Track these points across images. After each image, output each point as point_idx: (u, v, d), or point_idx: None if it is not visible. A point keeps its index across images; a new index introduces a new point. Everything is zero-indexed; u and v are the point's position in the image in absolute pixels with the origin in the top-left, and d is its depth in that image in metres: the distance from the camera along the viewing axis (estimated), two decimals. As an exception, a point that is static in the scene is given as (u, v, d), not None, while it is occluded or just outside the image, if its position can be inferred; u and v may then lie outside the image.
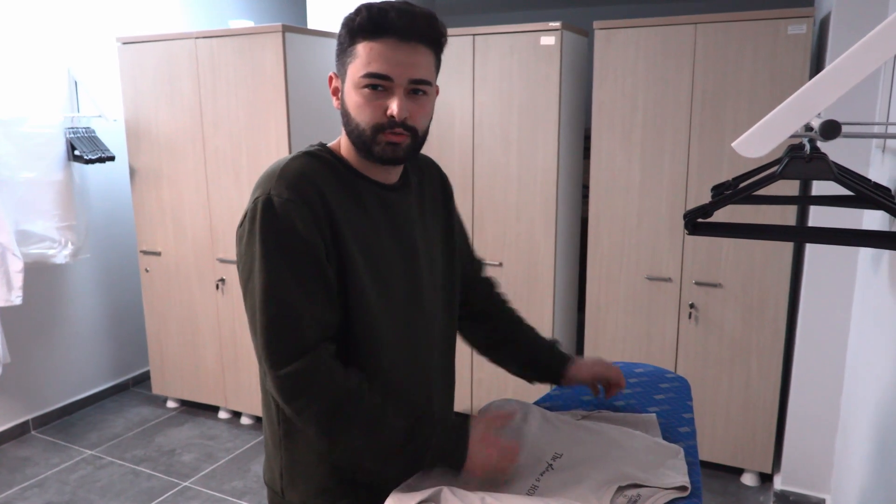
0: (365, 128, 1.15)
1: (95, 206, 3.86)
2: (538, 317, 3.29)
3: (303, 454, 1.24)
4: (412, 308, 1.28)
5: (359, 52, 1.13)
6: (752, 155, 1.11)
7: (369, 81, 1.12)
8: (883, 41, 0.98)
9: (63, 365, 3.82)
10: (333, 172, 1.20)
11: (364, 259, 1.19)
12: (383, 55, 1.11)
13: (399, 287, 1.26)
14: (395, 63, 1.11)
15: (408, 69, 1.12)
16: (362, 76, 1.12)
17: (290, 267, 1.11)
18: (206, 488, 3.10)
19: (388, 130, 1.14)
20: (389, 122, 1.13)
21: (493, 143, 3.23)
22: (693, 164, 2.87)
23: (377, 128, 1.14)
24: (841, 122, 1.18)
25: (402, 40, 1.11)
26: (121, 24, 3.90)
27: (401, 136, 1.15)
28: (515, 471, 1.17)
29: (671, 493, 1.13)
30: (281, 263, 1.11)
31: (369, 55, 1.12)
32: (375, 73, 1.11)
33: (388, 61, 1.11)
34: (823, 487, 2.83)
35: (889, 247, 1.29)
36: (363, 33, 1.12)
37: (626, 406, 1.48)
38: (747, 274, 2.85)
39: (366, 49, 1.12)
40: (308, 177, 1.16)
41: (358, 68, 1.13)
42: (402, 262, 1.26)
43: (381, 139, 1.15)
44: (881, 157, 2.23)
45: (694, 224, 1.36)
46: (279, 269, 1.11)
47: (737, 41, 2.72)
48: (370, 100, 1.13)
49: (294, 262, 1.11)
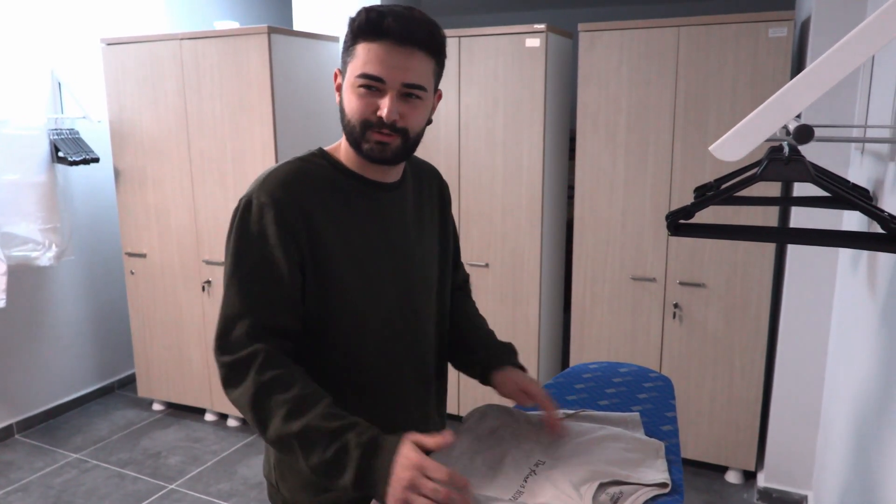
0: (355, 124, 1.18)
1: (80, 207, 3.83)
2: (524, 317, 3.31)
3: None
4: (404, 307, 1.30)
5: (358, 52, 1.16)
6: (729, 159, 1.13)
7: (363, 82, 1.16)
8: (858, 44, 1.00)
9: (47, 368, 3.80)
10: (322, 176, 1.23)
11: (348, 260, 1.21)
12: (379, 57, 1.14)
13: (388, 286, 1.27)
14: (390, 66, 1.15)
15: (401, 73, 1.15)
16: (357, 76, 1.16)
17: (252, 267, 1.17)
18: (193, 491, 3.08)
19: (376, 130, 1.17)
20: (378, 121, 1.17)
21: (479, 145, 3.24)
22: (676, 166, 2.90)
23: (366, 124, 1.17)
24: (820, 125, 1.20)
25: (398, 45, 1.14)
26: (105, 25, 3.87)
27: (389, 137, 1.18)
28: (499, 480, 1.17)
29: (652, 489, 1.14)
30: (244, 263, 1.17)
31: (366, 56, 1.15)
32: (369, 74, 1.15)
33: (382, 64, 1.14)
34: (806, 484, 2.87)
35: (865, 247, 1.31)
36: (363, 34, 1.16)
37: (610, 406, 1.49)
38: (730, 274, 2.89)
39: (364, 50, 1.15)
40: (290, 183, 1.19)
41: (355, 68, 1.16)
42: (392, 262, 1.28)
43: (371, 137, 1.18)
44: (860, 159, 2.26)
45: (676, 225, 1.38)
46: (241, 268, 1.17)
47: (719, 44, 2.75)
48: (362, 98, 1.17)
49: (258, 263, 1.17)
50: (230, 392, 1.15)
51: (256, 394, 1.11)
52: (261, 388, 1.11)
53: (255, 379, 1.12)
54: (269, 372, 1.12)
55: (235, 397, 1.15)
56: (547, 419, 1.31)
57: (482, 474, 1.18)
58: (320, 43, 3.41)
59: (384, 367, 1.29)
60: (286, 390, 1.11)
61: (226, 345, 1.16)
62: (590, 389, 1.57)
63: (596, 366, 1.68)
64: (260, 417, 1.12)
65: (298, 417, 1.08)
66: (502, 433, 1.32)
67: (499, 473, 1.19)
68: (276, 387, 1.11)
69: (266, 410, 1.10)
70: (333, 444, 1.06)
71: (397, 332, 1.30)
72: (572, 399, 1.53)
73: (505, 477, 1.17)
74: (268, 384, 1.11)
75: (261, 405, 1.11)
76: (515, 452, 1.25)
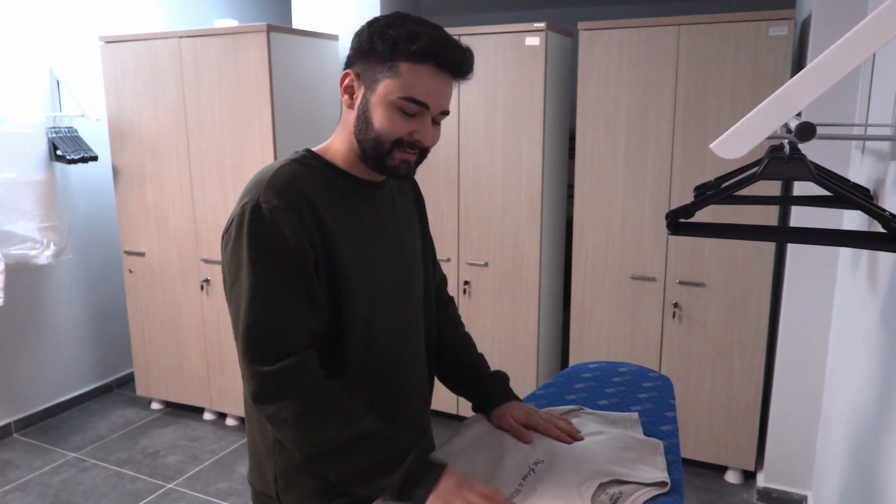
0: (385, 141, 1.17)
1: (78, 206, 3.83)
2: (523, 316, 3.30)
3: (297, 458, 1.25)
4: (405, 305, 1.31)
5: (402, 70, 1.13)
6: (730, 156, 1.12)
7: (408, 106, 1.14)
8: (859, 42, 1.00)
9: (46, 367, 3.79)
10: (321, 177, 1.22)
11: (356, 261, 1.21)
12: (428, 86, 1.14)
13: (391, 284, 1.28)
14: (435, 93, 1.15)
15: (442, 99, 1.17)
16: (401, 97, 1.13)
17: (276, 272, 1.12)
18: (191, 490, 3.08)
19: (406, 149, 1.18)
20: (411, 143, 1.18)
21: (479, 144, 3.24)
22: (676, 165, 2.89)
23: (397, 143, 1.17)
24: (821, 123, 1.20)
25: (443, 71, 1.14)
26: (103, 23, 3.87)
27: (413, 156, 1.20)
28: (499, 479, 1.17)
29: (652, 489, 1.14)
30: (268, 269, 1.12)
31: (415, 79, 1.13)
32: (417, 100, 1.14)
33: (429, 91, 1.14)
34: (805, 484, 2.86)
35: (866, 246, 1.30)
36: (414, 56, 1.12)
37: (610, 405, 1.49)
38: (730, 273, 2.88)
39: (412, 71, 1.13)
40: (296, 184, 1.17)
41: (398, 87, 1.13)
42: (391, 260, 1.29)
43: (397, 156, 1.18)
44: (860, 158, 2.26)
45: (676, 224, 1.38)
46: (266, 274, 1.12)
47: (719, 42, 2.74)
48: (401, 119, 1.16)
49: (281, 268, 1.12)
50: (267, 406, 1.12)
51: (305, 408, 1.10)
52: (309, 403, 1.11)
53: (300, 393, 1.11)
54: (313, 385, 1.12)
55: (274, 411, 1.11)
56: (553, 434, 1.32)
57: (482, 473, 1.18)
58: (320, 41, 3.40)
59: (392, 363, 1.29)
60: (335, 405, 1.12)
61: (260, 355, 1.11)
62: (589, 389, 1.56)
63: (595, 365, 1.68)
64: (305, 431, 1.11)
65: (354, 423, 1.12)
66: (501, 433, 1.32)
67: (498, 472, 1.18)
68: (324, 401, 1.12)
69: (314, 424, 1.10)
70: (389, 446, 1.12)
71: (400, 329, 1.30)
72: (571, 398, 1.52)
73: (504, 477, 1.17)
74: (315, 398, 1.11)
75: (308, 419, 1.10)
76: (515, 452, 1.25)
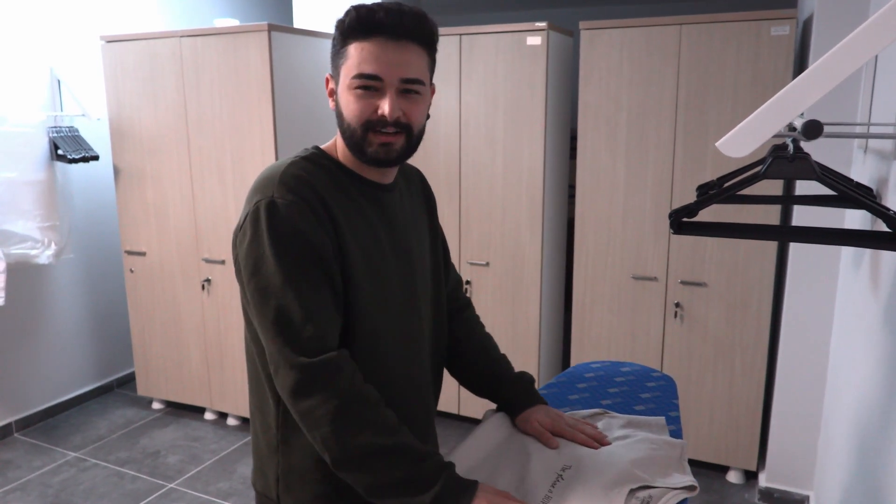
0: (356, 127, 1.14)
1: (79, 205, 3.82)
2: (524, 316, 3.30)
3: (300, 460, 1.23)
4: (409, 308, 1.28)
5: (350, 52, 1.13)
6: (735, 155, 1.12)
7: (361, 82, 1.12)
8: (863, 42, 1.00)
9: (46, 366, 3.78)
10: (330, 175, 1.19)
11: (363, 261, 1.18)
12: (373, 55, 1.11)
13: (396, 288, 1.25)
14: (386, 63, 1.11)
15: (399, 68, 1.12)
16: (353, 77, 1.12)
17: (302, 266, 1.10)
18: (192, 490, 3.08)
19: (379, 130, 1.14)
20: (380, 121, 1.13)
21: (479, 143, 3.23)
22: (678, 164, 2.89)
23: (367, 126, 1.13)
24: (823, 123, 1.19)
25: (392, 39, 1.11)
26: (104, 23, 3.86)
27: (393, 137, 1.15)
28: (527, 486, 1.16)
29: (680, 493, 1.13)
30: (293, 262, 1.09)
31: (360, 55, 1.11)
32: (366, 74, 1.11)
33: (378, 61, 1.11)
34: (807, 484, 2.86)
35: (870, 245, 1.30)
36: (353, 34, 1.12)
37: (613, 405, 1.48)
38: (732, 273, 2.88)
39: (357, 49, 1.12)
40: (308, 181, 1.14)
41: (349, 69, 1.13)
42: (398, 263, 1.26)
43: (374, 140, 1.14)
44: (863, 157, 2.25)
45: (679, 223, 1.38)
46: (294, 267, 1.09)
47: (720, 42, 2.74)
48: (361, 99, 1.13)
49: (305, 262, 1.10)
50: (306, 400, 1.08)
51: (344, 406, 1.08)
52: (349, 401, 1.08)
53: (341, 390, 1.08)
54: (353, 385, 1.10)
55: (312, 406, 1.08)
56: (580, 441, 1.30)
57: (508, 482, 1.16)
58: (320, 41, 3.40)
59: (396, 367, 1.26)
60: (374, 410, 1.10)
61: (301, 346, 1.08)
62: (592, 389, 1.56)
63: (598, 365, 1.67)
64: (340, 431, 1.08)
65: (391, 434, 1.09)
66: (524, 437, 1.31)
67: (525, 481, 1.17)
68: (363, 404, 1.09)
69: (351, 425, 1.08)
70: (425, 462, 1.09)
71: (405, 333, 1.28)
72: (574, 399, 1.52)
73: (532, 484, 1.15)
74: (356, 398, 1.09)
75: (345, 419, 1.07)
76: (541, 457, 1.23)
